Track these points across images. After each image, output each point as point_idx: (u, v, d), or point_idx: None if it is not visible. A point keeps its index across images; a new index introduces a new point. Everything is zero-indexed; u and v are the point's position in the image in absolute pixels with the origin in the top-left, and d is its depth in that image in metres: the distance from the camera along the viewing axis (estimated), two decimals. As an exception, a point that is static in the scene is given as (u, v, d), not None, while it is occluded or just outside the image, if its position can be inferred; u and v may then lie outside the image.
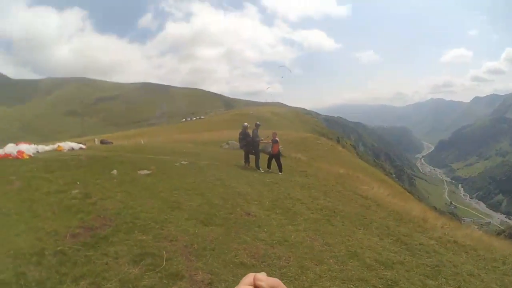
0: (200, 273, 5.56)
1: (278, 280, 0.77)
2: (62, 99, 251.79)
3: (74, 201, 7.98)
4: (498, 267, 8.04)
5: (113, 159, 13.66)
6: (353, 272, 6.43)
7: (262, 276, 0.76)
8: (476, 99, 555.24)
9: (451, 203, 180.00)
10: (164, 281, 5.15)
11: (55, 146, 16.95)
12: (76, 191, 8.72)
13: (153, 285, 4.99)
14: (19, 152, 13.07)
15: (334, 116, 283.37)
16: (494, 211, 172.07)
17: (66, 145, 17.39)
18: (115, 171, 11.41)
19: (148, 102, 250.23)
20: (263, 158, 17.89)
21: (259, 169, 16.77)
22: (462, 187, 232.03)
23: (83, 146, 18.42)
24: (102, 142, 30.13)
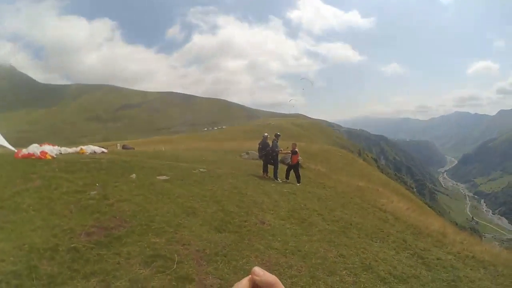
0: (210, 277, 5.58)
1: (275, 277, 0.76)
2: (87, 105, 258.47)
3: (91, 201, 8.14)
4: (517, 283, 7.76)
5: (133, 164, 13.85)
6: (366, 285, 6.33)
7: (260, 271, 0.76)
8: (502, 112, 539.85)
9: (472, 218, 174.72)
10: (174, 283, 5.19)
11: (78, 149, 17.29)
12: (94, 192, 8.89)
13: (162, 286, 5.04)
14: (42, 152, 13.38)
15: (356, 129, 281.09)
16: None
17: (89, 148, 17.71)
18: (134, 175, 11.56)
19: (171, 111, 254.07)
20: (282, 168, 17.82)
21: (277, 179, 16.69)
22: (484, 202, 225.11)
23: (105, 150, 18.73)
24: (124, 147, 30.67)
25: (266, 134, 18.17)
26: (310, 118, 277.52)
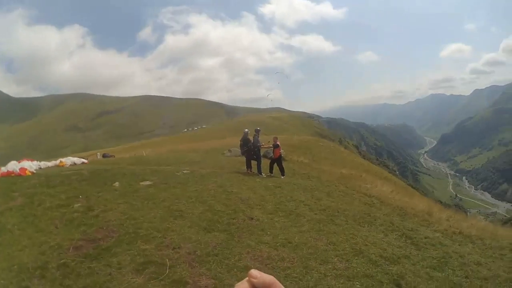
0: (204, 278, 5.57)
1: (273, 277, 0.77)
2: (64, 115, 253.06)
3: (76, 214, 8.03)
4: (506, 254, 8.03)
5: (114, 172, 13.70)
6: (359, 269, 6.43)
7: (256, 273, 0.76)
8: (476, 92, 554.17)
9: (456, 195, 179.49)
10: (168, 288, 5.16)
11: (57, 161, 17.01)
12: (78, 204, 8.77)
13: (157, 292, 4.99)
14: (22, 169, 13.13)
15: (335, 118, 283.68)
16: (499, 200, 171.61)
17: (68, 160, 17.45)
18: (117, 183, 11.45)
19: (150, 114, 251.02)
20: (265, 163, 17.86)
21: (261, 174, 16.73)
22: (466, 179, 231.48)
23: (85, 161, 18.49)
24: (104, 156, 30.27)
25: (246, 130, 18.16)
26: (290, 111, 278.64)
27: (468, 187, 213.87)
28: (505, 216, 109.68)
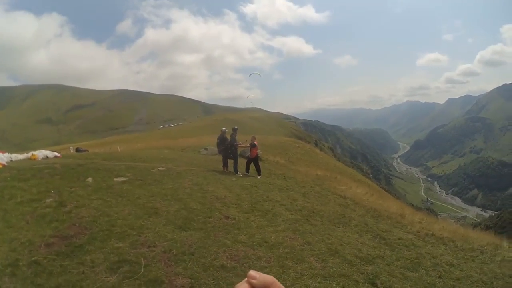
0: (180, 278, 5.50)
1: (272, 277, 0.76)
2: (37, 107, 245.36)
3: (48, 209, 7.79)
4: (477, 256, 8.36)
5: (88, 167, 13.39)
6: (334, 269, 6.51)
7: (255, 274, 0.76)
8: (451, 100, 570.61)
9: (427, 199, 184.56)
10: (143, 287, 5.05)
11: (29, 154, 16.48)
12: (50, 199, 8.52)
13: (131, 292, 4.88)
14: (-8, 161, 12.66)
15: (312, 120, 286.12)
16: (469, 205, 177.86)
17: (40, 153, 16.92)
18: (90, 179, 11.19)
19: (125, 109, 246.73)
20: (242, 162, 17.86)
21: (237, 173, 16.74)
22: (437, 184, 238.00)
23: (58, 155, 17.95)
24: (77, 150, 29.49)
25: (224, 128, 18.15)
26: (267, 111, 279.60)
27: (439, 191, 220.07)
28: (475, 220, 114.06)
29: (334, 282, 5.97)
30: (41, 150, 17.85)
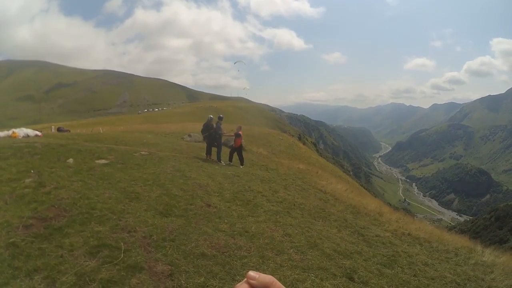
0: (160, 264, 5.46)
1: (271, 276, 0.76)
2: (18, 84, 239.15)
3: (27, 190, 7.60)
4: (451, 258, 8.60)
5: (69, 148, 13.16)
6: (313, 262, 6.59)
7: (254, 274, 0.75)
8: (435, 106, 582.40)
9: (405, 200, 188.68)
10: (123, 273, 4.99)
11: (10, 132, 16.15)
12: (30, 179, 8.33)
13: (111, 277, 4.81)
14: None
15: (297, 114, 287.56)
16: (446, 208, 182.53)
17: (21, 131, 16.60)
18: (71, 160, 11.01)
19: (109, 90, 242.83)
20: (225, 151, 17.84)
21: (220, 162, 16.74)
22: (416, 186, 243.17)
23: (39, 134, 17.64)
24: (59, 130, 29.02)
25: (211, 116, 18.08)
26: (253, 102, 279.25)
27: (417, 193, 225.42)
28: (450, 223, 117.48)
29: (312, 274, 6.04)
30: (22, 128, 17.51)
